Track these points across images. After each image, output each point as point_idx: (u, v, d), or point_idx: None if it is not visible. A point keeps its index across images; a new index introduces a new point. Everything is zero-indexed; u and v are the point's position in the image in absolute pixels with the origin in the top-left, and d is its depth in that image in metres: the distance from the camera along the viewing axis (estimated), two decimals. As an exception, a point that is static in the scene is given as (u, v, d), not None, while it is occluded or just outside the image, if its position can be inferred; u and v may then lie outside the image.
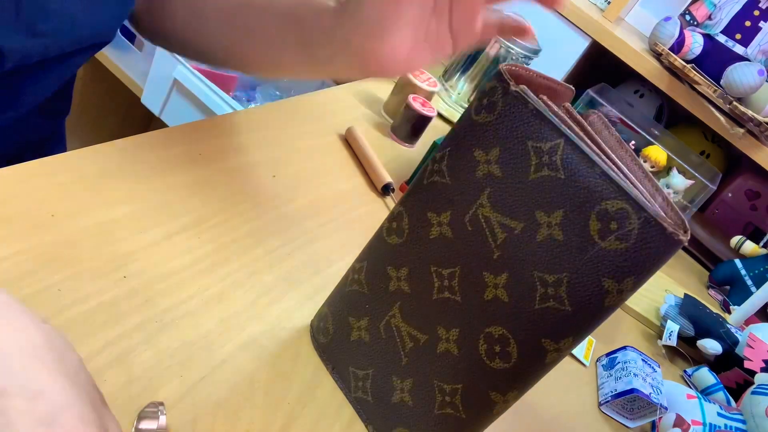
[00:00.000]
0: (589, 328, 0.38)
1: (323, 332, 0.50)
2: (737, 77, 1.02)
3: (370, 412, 0.48)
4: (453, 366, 0.42)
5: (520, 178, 0.37)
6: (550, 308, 0.37)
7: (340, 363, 0.49)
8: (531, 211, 0.37)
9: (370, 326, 0.46)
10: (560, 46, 1.20)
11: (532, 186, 0.37)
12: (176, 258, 0.51)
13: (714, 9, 1.24)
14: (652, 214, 0.33)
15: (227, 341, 0.47)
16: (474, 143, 0.39)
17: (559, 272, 0.36)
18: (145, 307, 0.46)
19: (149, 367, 0.42)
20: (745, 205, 1.22)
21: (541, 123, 0.36)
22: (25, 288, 0.42)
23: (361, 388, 0.48)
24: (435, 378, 0.43)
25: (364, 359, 0.47)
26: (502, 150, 0.37)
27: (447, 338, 0.42)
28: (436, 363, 0.43)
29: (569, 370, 0.69)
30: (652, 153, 1.06)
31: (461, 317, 0.41)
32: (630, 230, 0.34)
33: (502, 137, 0.37)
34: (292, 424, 0.45)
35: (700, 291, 1.09)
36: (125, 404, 0.40)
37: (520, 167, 0.37)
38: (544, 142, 0.36)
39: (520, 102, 0.37)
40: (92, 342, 0.42)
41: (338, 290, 0.49)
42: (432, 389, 0.43)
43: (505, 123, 0.37)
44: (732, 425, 0.65)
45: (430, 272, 0.42)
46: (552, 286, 0.37)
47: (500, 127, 0.38)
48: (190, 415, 0.41)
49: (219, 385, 0.44)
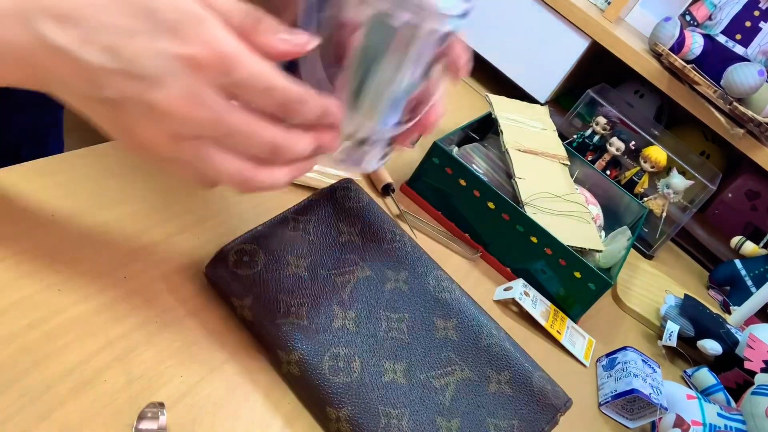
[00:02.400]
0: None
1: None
2: (737, 77, 1.02)
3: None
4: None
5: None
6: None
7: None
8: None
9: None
10: (560, 46, 1.20)
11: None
12: (176, 258, 0.51)
13: (714, 9, 1.24)
14: None
15: (227, 341, 0.47)
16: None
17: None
18: (145, 307, 0.46)
19: (149, 367, 0.42)
20: (745, 205, 1.22)
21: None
22: (25, 288, 0.42)
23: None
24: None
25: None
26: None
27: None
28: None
29: (569, 370, 0.69)
30: (652, 153, 1.06)
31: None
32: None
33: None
34: (292, 424, 0.45)
35: (700, 291, 1.09)
36: (125, 404, 0.40)
37: None
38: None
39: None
40: (92, 342, 0.42)
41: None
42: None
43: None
44: (732, 425, 0.65)
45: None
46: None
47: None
48: (190, 415, 0.41)
49: (219, 385, 0.44)
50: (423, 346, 0.48)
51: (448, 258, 0.74)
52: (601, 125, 1.09)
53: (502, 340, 0.50)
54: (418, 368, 0.47)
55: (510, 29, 1.23)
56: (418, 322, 0.49)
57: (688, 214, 1.05)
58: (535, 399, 0.49)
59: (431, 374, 0.47)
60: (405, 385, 0.46)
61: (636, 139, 1.08)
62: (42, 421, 0.37)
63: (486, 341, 0.49)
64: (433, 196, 0.78)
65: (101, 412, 0.39)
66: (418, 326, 0.49)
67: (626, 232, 0.88)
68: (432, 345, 0.48)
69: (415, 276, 0.51)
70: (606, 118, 1.09)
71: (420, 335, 0.48)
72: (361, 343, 0.47)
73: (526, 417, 0.48)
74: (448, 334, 0.49)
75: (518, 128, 0.90)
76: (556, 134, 0.96)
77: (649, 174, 1.08)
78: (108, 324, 0.43)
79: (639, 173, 1.09)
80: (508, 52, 1.24)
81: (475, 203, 0.75)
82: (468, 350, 0.49)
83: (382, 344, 0.47)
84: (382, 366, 0.46)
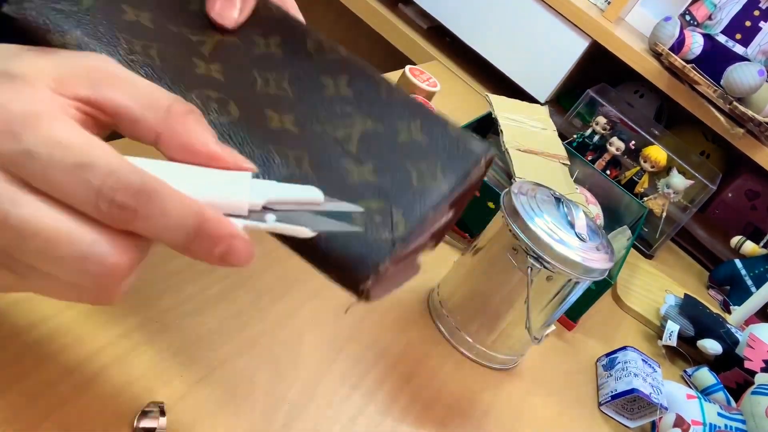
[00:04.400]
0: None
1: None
2: (737, 77, 1.02)
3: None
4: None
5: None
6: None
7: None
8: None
9: None
10: (560, 46, 1.20)
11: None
12: (176, 258, 0.51)
13: (714, 9, 1.24)
14: None
15: (227, 341, 0.47)
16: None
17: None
18: (145, 307, 0.46)
19: (149, 367, 0.42)
20: (745, 205, 1.22)
21: None
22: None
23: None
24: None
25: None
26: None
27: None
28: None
29: (569, 370, 0.70)
30: (652, 153, 1.06)
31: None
32: None
33: None
34: (292, 424, 0.45)
35: (700, 291, 1.09)
36: (125, 404, 0.40)
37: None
38: None
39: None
40: (92, 342, 0.42)
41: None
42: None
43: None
44: (732, 425, 0.65)
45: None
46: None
47: None
48: (190, 415, 0.41)
49: (219, 385, 0.44)
50: (312, 102, 0.41)
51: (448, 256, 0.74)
52: (601, 125, 1.09)
53: (403, 95, 0.44)
54: (310, 120, 0.40)
55: (510, 29, 1.23)
56: (303, 81, 0.42)
57: (688, 214, 1.05)
58: (453, 144, 0.42)
59: (328, 126, 0.40)
60: (298, 134, 0.39)
61: (636, 139, 1.08)
62: (42, 421, 0.37)
63: (386, 94, 0.43)
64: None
65: (101, 412, 0.39)
66: (302, 85, 0.42)
67: (626, 231, 0.88)
68: (323, 102, 0.42)
69: (289, 40, 0.44)
70: (606, 118, 1.09)
71: (306, 93, 0.42)
72: (235, 91, 0.40)
73: (448, 160, 0.41)
74: (341, 91, 0.43)
75: (518, 128, 0.90)
76: (556, 134, 0.96)
77: (649, 174, 1.08)
78: (108, 324, 0.43)
79: (639, 173, 1.09)
80: (508, 52, 1.24)
81: (475, 203, 0.75)
82: (367, 104, 0.43)
83: (260, 97, 0.40)
84: (265, 113, 0.40)
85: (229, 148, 0.29)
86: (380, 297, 0.36)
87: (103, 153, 0.24)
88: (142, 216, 0.24)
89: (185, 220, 0.25)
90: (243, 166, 0.29)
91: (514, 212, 0.56)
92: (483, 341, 0.61)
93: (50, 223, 0.24)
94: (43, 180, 0.23)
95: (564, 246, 0.54)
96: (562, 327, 0.75)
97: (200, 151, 0.28)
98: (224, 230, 0.26)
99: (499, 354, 0.61)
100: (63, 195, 0.24)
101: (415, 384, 0.55)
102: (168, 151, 0.28)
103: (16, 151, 0.23)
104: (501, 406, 0.59)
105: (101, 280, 0.25)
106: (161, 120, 0.27)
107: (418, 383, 0.55)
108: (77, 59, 0.28)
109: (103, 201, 0.24)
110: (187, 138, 0.28)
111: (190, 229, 0.25)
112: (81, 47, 0.36)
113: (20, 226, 0.23)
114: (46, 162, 0.23)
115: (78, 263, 0.24)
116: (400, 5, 1.38)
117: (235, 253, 0.26)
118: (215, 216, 0.26)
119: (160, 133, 0.27)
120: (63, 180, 0.23)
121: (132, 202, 0.24)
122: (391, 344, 0.57)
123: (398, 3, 1.38)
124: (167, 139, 0.28)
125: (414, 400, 0.53)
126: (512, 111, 0.93)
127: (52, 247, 0.24)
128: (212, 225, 0.25)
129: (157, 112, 0.27)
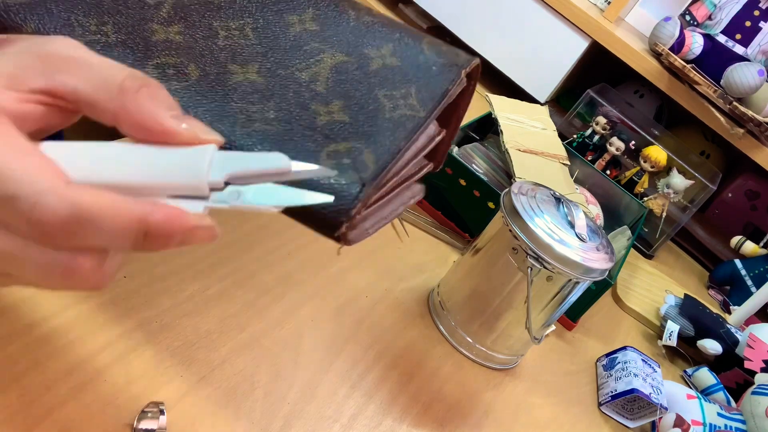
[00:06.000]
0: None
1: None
2: (737, 77, 1.02)
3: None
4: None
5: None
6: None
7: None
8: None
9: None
10: (560, 46, 1.20)
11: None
12: (176, 258, 0.51)
13: (714, 9, 1.24)
14: None
15: (227, 341, 0.47)
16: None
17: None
18: (145, 307, 0.46)
19: (149, 367, 0.42)
20: (745, 205, 1.22)
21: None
22: (25, 288, 0.42)
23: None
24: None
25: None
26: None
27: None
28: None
29: (569, 370, 0.69)
30: (652, 153, 1.06)
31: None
32: None
33: None
34: (292, 424, 0.45)
35: (700, 291, 1.09)
36: (125, 404, 0.40)
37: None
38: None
39: None
40: (92, 342, 0.42)
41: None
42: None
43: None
44: (732, 425, 0.65)
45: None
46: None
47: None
48: (190, 415, 0.41)
49: (219, 385, 0.44)
50: (278, 46, 0.40)
51: (448, 256, 0.74)
52: (601, 125, 1.09)
53: (374, 18, 0.42)
54: (276, 66, 0.39)
55: (510, 29, 1.23)
56: (268, 25, 0.41)
57: (688, 214, 1.05)
58: (430, 62, 0.41)
59: (294, 69, 0.39)
60: (262, 83, 0.38)
61: (636, 139, 1.08)
62: (42, 421, 0.37)
63: (353, 23, 0.42)
64: (432, 196, 0.78)
65: (101, 412, 0.39)
66: (267, 29, 0.41)
67: (626, 232, 0.88)
68: (289, 43, 0.40)
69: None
70: (606, 118, 1.09)
71: (271, 37, 0.41)
72: (195, 50, 0.38)
73: (424, 81, 0.40)
74: (307, 27, 0.41)
75: (518, 128, 0.90)
76: (556, 134, 0.96)
77: (649, 174, 1.08)
78: (108, 324, 0.43)
79: (639, 173, 1.09)
80: (508, 52, 1.24)
81: (475, 203, 0.75)
82: (334, 36, 0.41)
83: (222, 51, 0.39)
84: (227, 69, 0.39)
85: (191, 120, 0.27)
86: (373, 231, 0.36)
87: (33, 178, 0.23)
88: (77, 238, 0.23)
89: (127, 230, 0.24)
90: (203, 138, 0.27)
91: (514, 212, 0.56)
92: (483, 341, 0.61)
93: (5, 243, 0.24)
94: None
95: (564, 246, 0.54)
96: (562, 327, 0.75)
97: (154, 128, 0.26)
98: (175, 226, 0.25)
99: (499, 354, 0.61)
100: (3, 224, 0.24)
101: (415, 384, 0.55)
102: (127, 132, 0.27)
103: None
104: (501, 406, 0.59)
105: (72, 281, 0.25)
106: (115, 100, 0.26)
107: (418, 383, 0.55)
108: (34, 48, 0.27)
109: (35, 231, 0.23)
110: (140, 116, 0.26)
111: (136, 235, 0.24)
112: (39, 31, 0.35)
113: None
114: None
115: (41, 270, 0.24)
116: (400, 5, 1.38)
117: (196, 240, 0.25)
118: (163, 215, 0.24)
119: (115, 114, 0.26)
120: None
121: (61, 230, 0.23)
122: (391, 344, 0.57)
123: (398, 3, 1.38)
124: (122, 119, 0.26)
125: (414, 400, 0.53)
126: (512, 111, 0.93)
127: (12, 262, 0.24)
128: (160, 225, 0.24)
129: (110, 92, 0.26)
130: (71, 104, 0.27)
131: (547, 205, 0.58)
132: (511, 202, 0.56)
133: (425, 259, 0.70)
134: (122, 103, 0.26)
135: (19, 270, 0.24)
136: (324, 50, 0.41)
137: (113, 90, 0.26)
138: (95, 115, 0.27)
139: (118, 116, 0.26)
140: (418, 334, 0.61)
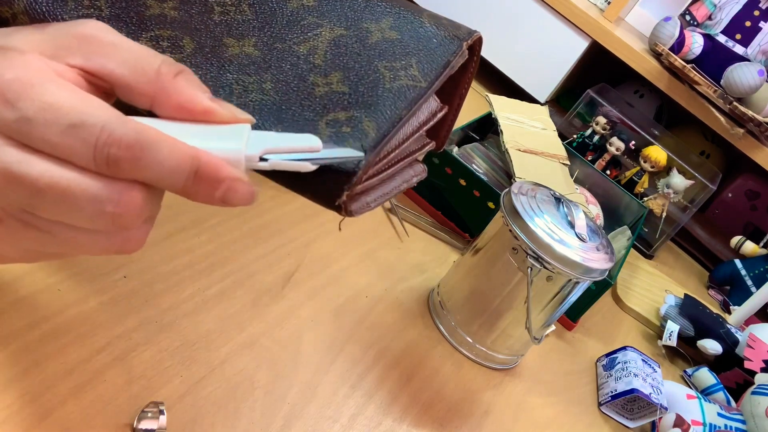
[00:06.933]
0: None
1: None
2: (737, 77, 1.02)
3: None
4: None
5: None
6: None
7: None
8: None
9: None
10: (560, 46, 1.20)
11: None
12: (176, 258, 0.51)
13: (714, 9, 1.24)
14: None
15: (227, 341, 0.47)
16: None
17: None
18: (145, 307, 0.46)
19: (149, 367, 0.42)
20: (745, 205, 1.22)
21: None
22: (26, 288, 0.42)
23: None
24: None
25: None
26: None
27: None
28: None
29: (569, 370, 0.69)
30: (652, 153, 1.06)
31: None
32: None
33: None
34: (292, 424, 0.45)
35: (700, 291, 1.09)
36: (125, 404, 0.40)
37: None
38: None
39: None
40: (92, 342, 0.42)
41: None
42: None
43: None
44: (732, 425, 0.65)
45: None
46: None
47: None
48: (190, 415, 0.41)
49: (219, 385, 0.44)
50: (275, 20, 0.40)
51: (448, 256, 0.74)
52: (601, 125, 1.09)
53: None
54: (273, 39, 0.39)
55: (510, 29, 1.23)
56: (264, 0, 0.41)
57: (688, 214, 1.05)
58: (430, 35, 0.41)
59: (292, 42, 0.39)
60: (258, 56, 0.38)
61: (636, 139, 1.08)
62: (42, 421, 0.37)
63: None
64: (432, 196, 0.78)
65: (101, 412, 0.39)
66: (264, 4, 0.41)
67: (626, 232, 0.88)
68: (286, 17, 0.40)
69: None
70: (606, 118, 1.09)
71: (268, 12, 0.41)
72: (190, 25, 0.38)
73: (425, 53, 0.40)
74: (304, 2, 0.41)
75: (518, 128, 0.90)
76: (556, 134, 0.96)
77: (649, 174, 1.08)
78: (108, 324, 0.43)
79: (639, 173, 1.09)
80: (508, 52, 1.24)
81: (475, 203, 0.75)
82: (333, 11, 0.41)
83: (218, 26, 0.39)
84: (222, 42, 0.38)
85: (224, 102, 0.29)
86: (375, 205, 0.36)
87: (95, 110, 0.25)
88: (139, 166, 0.25)
89: (182, 165, 0.25)
90: (239, 117, 0.29)
91: (514, 212, 0.56)
92: (483, 341, 0.61)
93: (61, 176, 0.25)
94: (43, 142, 0.24)
95: (564, 246, 0.54)
96: (562, 327, 0.75)
97: (194, 109, 0.28)
98: (223, 173, 0.26)
99: (499, 354, 0.61)
100: (64, 154, 0.25)
101: (415, 384, 0.55)
102: (164, 114, 0.28)
103: (13, 119, 0.24)
104: (501, 406, 0.59)
105: (120, 221, 0.26)
106: (153, 84, 0.28)
107: (418, 383, 0.55)
108: (69, 29, 0.28)
109: (100, 156, 0.25)
110: (180, 98, 0.28)
111: (188, 173, 0.26)
112: (31, 5, 0.35)
113: (34, 184, 0.25)
114: (42, 126, 0.24)
115: (93, 205, 0.25)
116: (400, 5, 1.38)
117: (237, 193, 0.27)
118: (212, 160, 0.26)
119: (153, 98, 0.28)
120: (60, 141, 0.24)
121: (127, 154, 0.25)
122: (391, 344, 0.57)
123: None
124: (161, 102, 0.28)
125: (414, 400, 0.53)
126: (512, 111, 0.93)
127: (66, 197, 0.25)
128: (210, 168, 0.26)
129: (148, 77, 0.28)
130: (107, 85, 0.28)
131: (547, 205, 0.58)
132: (511, 202, 0.56)
133: (425, 259, 0.70)
134: (161, 86, 0.27)
135: (70, 209, 0.25)
136: (322, 24, 0.41)
137: (151, 74, 0.27)
138: (130, 98, 0.28)
139: (156, 99, 0.28)
140: (418, 334, 0.61)
